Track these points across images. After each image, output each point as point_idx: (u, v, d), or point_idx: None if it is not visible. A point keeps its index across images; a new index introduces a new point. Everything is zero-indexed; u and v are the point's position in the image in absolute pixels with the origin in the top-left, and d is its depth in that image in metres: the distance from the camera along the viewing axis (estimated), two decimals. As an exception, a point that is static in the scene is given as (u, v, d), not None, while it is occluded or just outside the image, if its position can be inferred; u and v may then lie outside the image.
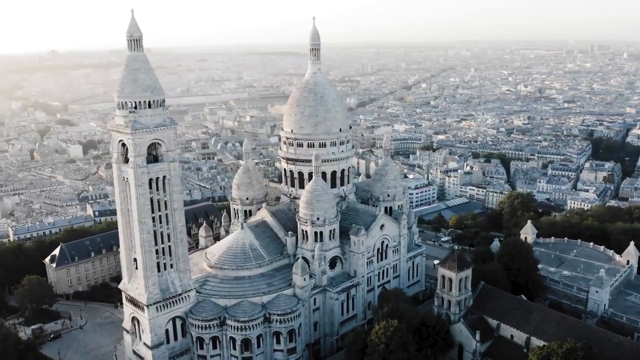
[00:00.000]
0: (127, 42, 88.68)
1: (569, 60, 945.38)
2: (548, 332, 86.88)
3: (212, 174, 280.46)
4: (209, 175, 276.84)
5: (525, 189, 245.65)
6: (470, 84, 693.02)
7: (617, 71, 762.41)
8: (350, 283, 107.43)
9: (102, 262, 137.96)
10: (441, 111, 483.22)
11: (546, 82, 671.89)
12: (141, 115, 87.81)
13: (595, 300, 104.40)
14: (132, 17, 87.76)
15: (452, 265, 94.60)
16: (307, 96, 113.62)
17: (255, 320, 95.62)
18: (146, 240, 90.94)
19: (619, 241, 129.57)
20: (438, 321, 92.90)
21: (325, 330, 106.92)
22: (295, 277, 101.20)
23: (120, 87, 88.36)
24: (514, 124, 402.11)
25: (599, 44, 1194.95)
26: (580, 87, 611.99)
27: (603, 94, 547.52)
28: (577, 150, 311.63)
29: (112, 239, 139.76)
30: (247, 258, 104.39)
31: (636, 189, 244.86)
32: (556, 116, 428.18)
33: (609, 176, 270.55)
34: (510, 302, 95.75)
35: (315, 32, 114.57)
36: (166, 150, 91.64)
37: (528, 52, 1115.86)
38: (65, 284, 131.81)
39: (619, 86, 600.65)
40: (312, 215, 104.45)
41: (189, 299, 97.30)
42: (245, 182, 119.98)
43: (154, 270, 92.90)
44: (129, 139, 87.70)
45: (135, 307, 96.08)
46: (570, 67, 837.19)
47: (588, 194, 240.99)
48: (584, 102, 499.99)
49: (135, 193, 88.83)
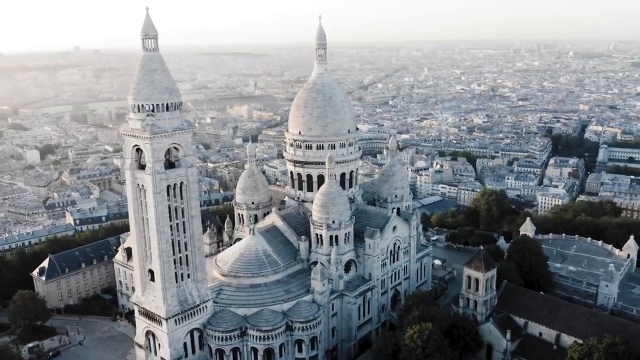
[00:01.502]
0: (141, 41, 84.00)
1: (517, 59, 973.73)
2: (578, 328, 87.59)
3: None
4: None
5: (494, 186, 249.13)
6: (425, 83, 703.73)
7: (565, 69, 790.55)
8: (366, 287, 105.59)
9: (93, 273, 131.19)
10: (400, 111, 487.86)
11: (498, 81, 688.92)
12: (159, 118, 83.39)
13: (606, 295, 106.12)
14: (147, 15, 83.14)
15: (479, 265, 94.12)
16: (315, 97, 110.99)
17: (278, 329, 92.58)
18: (164, 250, 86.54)
19: (614, 235, 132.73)
20: (467, 322, 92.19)
21: (342, 336, 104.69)
22: (315, 282, 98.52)
23: (135, 89, 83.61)
24: (474, 123, 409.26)
25: (544, 43, 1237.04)
26: (532, 86, 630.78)
27: (554, 92, 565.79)
28: (539, 147, 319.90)
29: (103, 249, 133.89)
30: (262, 265, 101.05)
31: (602, 183, 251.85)
32: (512, 114, 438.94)
33: (573, 172, 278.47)
34: (537, 299, 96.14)
35: (321, 31, 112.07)
36: (184, 155, 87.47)
37: (477, 51, 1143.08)
38: (56, 297, 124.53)
39: (569, 84, 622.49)
40: (328, 218, 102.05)
41: (206, 310, 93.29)
42: (251, 186, 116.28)
43: (173, 281, 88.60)
44: (146, 143, 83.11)
45: (151, 320, 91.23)
46: (519, 66, 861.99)
47: (558, 190, 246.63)
48: (537, 100, 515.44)
49: (154, 201, 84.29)
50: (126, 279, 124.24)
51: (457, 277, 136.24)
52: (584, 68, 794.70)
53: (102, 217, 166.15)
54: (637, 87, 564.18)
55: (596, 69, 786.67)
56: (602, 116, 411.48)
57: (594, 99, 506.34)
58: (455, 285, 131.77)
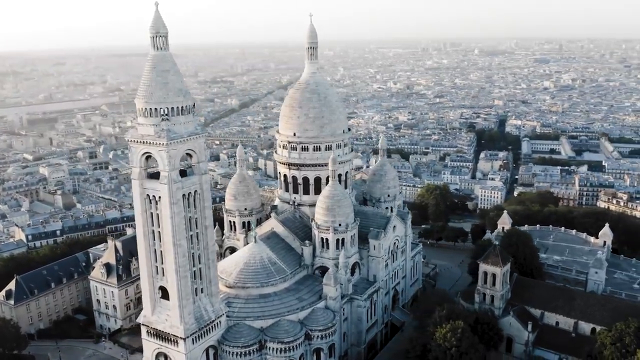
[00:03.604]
0: (151, 39, 77.33)
1: (426, 58, 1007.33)
2: (595, 314, 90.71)
3: (114, 184, 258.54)
4: (111, 186, 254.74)
5: (432, 181, 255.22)
6: (342, 82, 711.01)
7: (473, 66, 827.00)
8: (373, 289, 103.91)
9: (64, 293, 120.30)
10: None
11: (412, 79, 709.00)
12: (174, 123, 77.13)
13: (595, 281, 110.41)
14: (157, 12, 76.61)
15: (496, 260, 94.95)
16: (310, 97, 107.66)
17: (299, 339, 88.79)
18: (181, 265, 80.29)
19: (583, 224, 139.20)
20: (490, 317, 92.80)
21: (352, 340, 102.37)
22: (327, 288, 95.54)
23: (147, 92, 76.91)
24: (399, 120, 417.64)
25: (450, 42, 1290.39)
26: (444, 83, 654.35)
27: (467, 89, 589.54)
28: (467, 142, 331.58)
29: (71, 266, 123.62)
30: (270, 273, 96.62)
31: (534, 175, 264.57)
32: (432, 111, 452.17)
33: (504, 164, 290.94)
34: (550, 290, 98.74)
35: (312, 30, 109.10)
36: (198, 162, 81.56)
37: (387, 50, 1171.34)
38: (26, 322, 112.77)
39: (479, 81, 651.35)
40: (334, 221, 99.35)
41: (220, 325, 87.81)
42: (243, 191, 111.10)
43: (190, 297, 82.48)
44: (161, 150, 76.61)
45: (163, 341, 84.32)
46: (429, 64, 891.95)
47: (495, 182, 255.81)
48: (453, 97, 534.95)
49: (170, 212, 77.92)
50: (105, 297, 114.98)
51: (440, 272, 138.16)
52: (491, 65, 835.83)
53: (57, 232, 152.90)
54: (544, 82, 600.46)
55: (502, 65, 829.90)
56: (517, 110, 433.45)
57: (505, 94, 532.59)
58: (440, 281, 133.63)
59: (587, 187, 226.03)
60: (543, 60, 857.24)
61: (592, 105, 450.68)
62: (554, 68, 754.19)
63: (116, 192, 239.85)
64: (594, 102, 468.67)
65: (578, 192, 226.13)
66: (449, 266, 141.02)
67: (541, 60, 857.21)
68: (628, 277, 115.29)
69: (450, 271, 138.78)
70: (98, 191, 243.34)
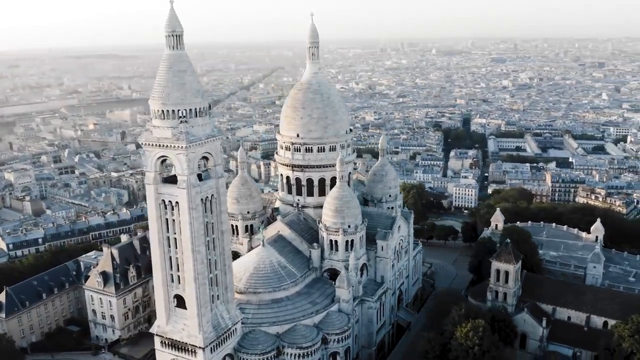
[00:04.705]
0: (166, 38, 74.49)
1: (385, 58, 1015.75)
2: (606, 308, 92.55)
3: (83, 189, 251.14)
4: (81, 191, 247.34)
5: (405, 180, 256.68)
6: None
7: (432, 66, 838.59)
8: (382, 290, 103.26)
9: (55, 304, 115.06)
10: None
11: (374, 79, 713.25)
12: (192, 125, 74.47)
13: (594, 275, 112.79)
14: (172, 9, 73.86)
15: (509, 258, 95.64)
16: (313, 97, 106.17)
17: (316, 343, 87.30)
18: (200, 272, 77.68)
19: (572, 219, 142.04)
20: (505, 315, 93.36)
21: (362, 342, 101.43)
22: (340, 290, 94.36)
23: (163, 93, 73.95)
24: (366, 120, 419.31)
25: (408, 42, 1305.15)
26: (406, 83, 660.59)
27: (428, 88, 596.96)
28: (435, 141, 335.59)
29: (62, 275, 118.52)
30: (281, 277, 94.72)
31: (506, 172, 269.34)
32: (397, 110, 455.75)
33: (474, 162, 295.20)
34: (559, 286, 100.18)
35: (314, 29, 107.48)
36: (214, 165, 79.10)
37: (346, 51, 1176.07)
38: (18, 335, 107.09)
39: (439, 80, 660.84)
40: (343, 223, 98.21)
41: (236, 333, 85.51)
42: (245, 194, 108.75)
43: (208, 305, 79.92)
44: (179, 154, 73.90)
45: (180, 351, 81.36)
46: (389, 65, 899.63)
47: (468, 180, 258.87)
48: (415, 96, 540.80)
49: (189, 217, 75.24)
50: (102, 307, 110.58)
51: (436, 271, 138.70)
52: (449, 65, 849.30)
53: (39, 240, 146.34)
54: (502, 81, 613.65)
55: (460, 65, 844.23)
56: (479, 109, 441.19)
57: (466, 93, 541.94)
58: (437, 280, 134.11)
59: (560, 184, 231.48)
60: (500, 60, 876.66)
61: (551, 103, 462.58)
62: (511, 67, 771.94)
63: (86, 197, 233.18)
64: (552, 100, 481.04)
65: (551, 188, 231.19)
66: (443, 265, 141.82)
67: (498, 60, 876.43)
68: (622, 270, 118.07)
69: (445, 269, 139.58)
70: (67, 196, 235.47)
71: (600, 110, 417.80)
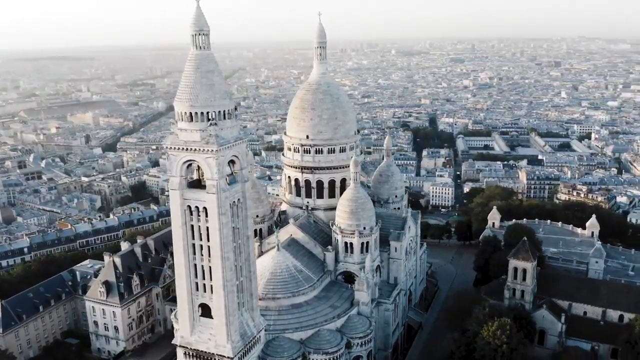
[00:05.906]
0: (192, 38, 71.72)
1: (346, 59, 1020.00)
2: (622, 302, 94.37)
3: (53, 195, 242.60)
4: (51, 197, 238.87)
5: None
6: (267, 84, 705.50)
7: (393, 67, 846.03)
8: (397, 291, 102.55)
9: (52, 316, 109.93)
10: (257, 112, 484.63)
11: (336, 80, 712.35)
12: (221, 127, 71.94)
13: (596, 270, 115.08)
14: (198, 8, 71.29)
15: (527, 256, 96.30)
16: (322, 98, 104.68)
17: (341, 348, 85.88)
18: (228, 279, 75.10)
19: (565, 216, 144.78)
20: (524, 312, 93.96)
21: (379, 344, 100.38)
22: (360, 294, 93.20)
23: (191, 94, 71.13)
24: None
25: (367, 42, 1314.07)
26: (369, 83, 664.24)
27: (391, 88, 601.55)
28: (405, 140, 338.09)
29: (58, 286, 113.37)
30: (299, 282, 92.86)
31: (479, 171, 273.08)
32: (363, 110, 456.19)
33: (447, 161, 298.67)
34: (574, 282, 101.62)
35: (321, 29, 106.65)
36: (240, 169, 76.61)
37: (307, 52, 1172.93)
38: (15, 350, 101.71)
39: (401, 80, 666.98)
40: (359, 225, 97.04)
41: (261, 340, 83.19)
42: (254, 197, 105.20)
43: (236, 313, 77.38)
44: (208, 157, 71.17)
45: (206, 362, 78.62)
46: (350, 65, 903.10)
47: (445, 179, 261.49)
48: (379, 97, 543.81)
49: (218, 223, 72.56)
50: (104, 318, 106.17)
51: (436, 270, 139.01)
52: (409, 65, 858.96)
53: (25, 249, 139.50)
54: (463, 80, 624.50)
55: (420, 65, 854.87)
56: (444, 109, 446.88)
57: (429, 93, 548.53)
58: (439, 279, 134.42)
59: (535, 181, 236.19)
60: (458, 60, 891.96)
61: (512, 102, 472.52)
62: (470, 67, 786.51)
63: (57, 203, 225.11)
64: (513, 99, 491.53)
65: (526, 185, 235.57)
66: (442, 263, 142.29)
67: (456, 60, 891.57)
68: (620, 264, 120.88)
69: (444, 268, 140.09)
70: (38, 203, 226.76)
71: (561, 108, 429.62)
